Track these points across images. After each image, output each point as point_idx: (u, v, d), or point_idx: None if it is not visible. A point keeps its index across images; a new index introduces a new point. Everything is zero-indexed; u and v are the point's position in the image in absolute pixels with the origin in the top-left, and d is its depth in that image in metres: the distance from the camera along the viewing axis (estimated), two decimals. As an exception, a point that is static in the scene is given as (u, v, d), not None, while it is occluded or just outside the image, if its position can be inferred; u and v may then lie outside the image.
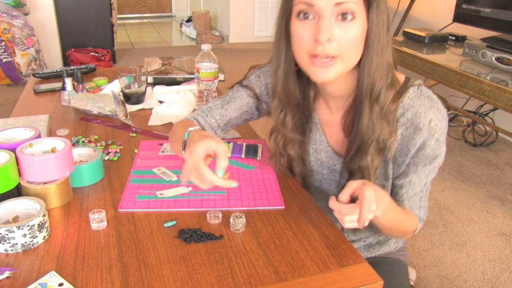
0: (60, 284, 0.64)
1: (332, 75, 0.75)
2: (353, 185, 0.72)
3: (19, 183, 0.83)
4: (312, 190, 0.99)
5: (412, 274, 1.39)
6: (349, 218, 0.70)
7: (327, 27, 0.71)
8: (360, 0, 0.72)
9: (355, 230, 0.95)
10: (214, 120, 0.97)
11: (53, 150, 0.87)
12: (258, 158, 1.03)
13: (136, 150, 1.07)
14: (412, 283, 1.36)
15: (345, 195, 0.72)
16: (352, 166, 0.85)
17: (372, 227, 0.91)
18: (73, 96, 1.35)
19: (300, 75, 0.84)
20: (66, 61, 3.80)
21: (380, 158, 0.83)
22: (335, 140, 0.91)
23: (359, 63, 0.77)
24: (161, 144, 1.10)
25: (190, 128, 0.82)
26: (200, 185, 0.73)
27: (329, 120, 0.91)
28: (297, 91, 0.86)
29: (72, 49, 3.79)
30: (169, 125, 1.24)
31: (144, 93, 1.40)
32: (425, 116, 0.78)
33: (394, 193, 0.88)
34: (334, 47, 0.72)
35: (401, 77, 0.83)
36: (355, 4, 0.71)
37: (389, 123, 0.79)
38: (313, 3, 0.71)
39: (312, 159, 0.95)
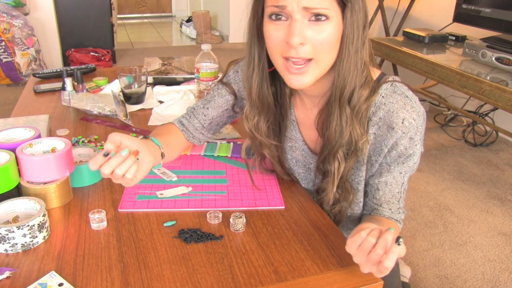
0: (60, 284, 0.64)
1: (308, 81, 0.74)
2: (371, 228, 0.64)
3: (19, 183, 0.83)
4: None
5: (407, 272, 1.39)
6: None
7: (298, 30, 0.69)
8: (333, 3, 0.69)
9: None
10: (197, 121, 0.98)
11: (53, 150, 0.87)
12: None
13: (136, 150, 1.07)
14: (407, 280, 1.36)
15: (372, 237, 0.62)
16: (324, 168, 0.83)
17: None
18: (73, 96, 1.35)
19: (275, 74, 0.82)
20: (66, 61, 3.80)
21: (352, 161, 0.81)
22: (311, 138, 0.90)
23: (334, 63, 0.75)
24: (161, 144, 1.10)
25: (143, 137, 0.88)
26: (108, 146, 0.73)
27: (305, 119, 0.89)
28: (271, 95, 0.84)
29: (72, 49, 3.78)
30: (169, 125, 1.24)
31: (144, 93, 1.40)
32: (397, 115, 0.75)
33: (372, 196, 0.85)
34: (308, 50, 0.71)
35: (376, 73, 0.80)
36: (326, 9, 0.68)
37: (360, 122, 0.77)
38: (285, 5, 0.69)
39: (288, 157, 0.94)
